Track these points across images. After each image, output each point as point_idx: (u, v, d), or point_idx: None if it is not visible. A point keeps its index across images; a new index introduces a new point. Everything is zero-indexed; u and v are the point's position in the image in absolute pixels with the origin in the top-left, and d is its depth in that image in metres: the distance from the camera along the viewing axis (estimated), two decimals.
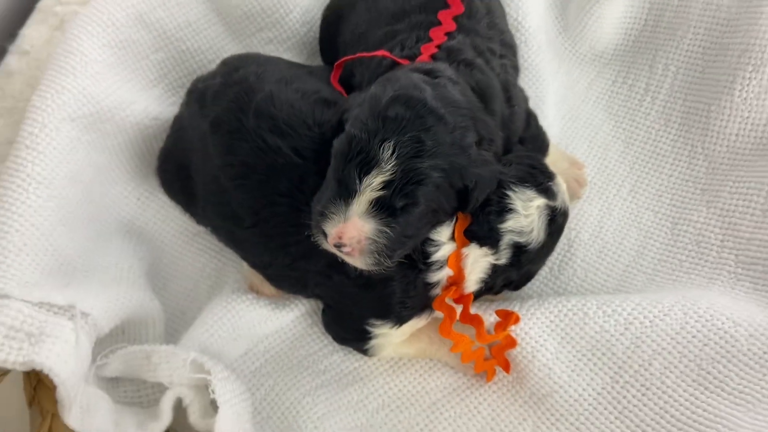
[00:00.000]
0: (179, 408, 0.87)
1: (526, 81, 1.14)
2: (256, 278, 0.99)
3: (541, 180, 0.89)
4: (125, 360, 0.87)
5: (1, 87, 1.25)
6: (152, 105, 1.07)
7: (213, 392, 0.82)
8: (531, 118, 1.04)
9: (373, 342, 0.91)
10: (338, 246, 0.75)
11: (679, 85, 1.14)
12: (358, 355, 0.99)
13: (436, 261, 0.85)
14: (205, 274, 1.07)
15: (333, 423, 0.93)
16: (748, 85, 1.04)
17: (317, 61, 1.20)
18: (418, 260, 0.84)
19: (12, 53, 1.30)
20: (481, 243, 0.85)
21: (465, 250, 0.85)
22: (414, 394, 0.97)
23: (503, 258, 0.87)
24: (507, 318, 0.90)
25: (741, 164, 1.04)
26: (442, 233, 0.84)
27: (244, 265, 0.99)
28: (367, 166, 0.73)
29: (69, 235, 0.92)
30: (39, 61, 1.27)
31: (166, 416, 0.84)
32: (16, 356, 0.76)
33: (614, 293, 1.00)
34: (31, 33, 1.31)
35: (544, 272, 1.04)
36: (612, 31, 1.19)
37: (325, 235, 0.76)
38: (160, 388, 0.89)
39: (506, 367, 0.93)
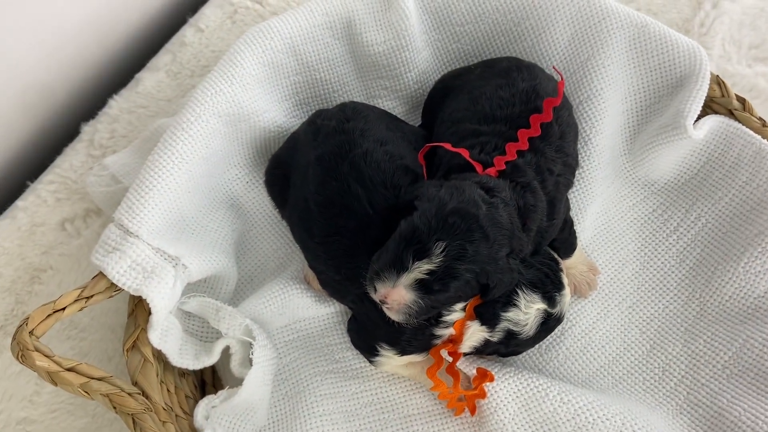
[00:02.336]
0: (226, 353, 1.15)
1: (578, 189, 1.31)
2: (311, 274, 1.23)
3: (549, 288, 1.10)
4: (201, 305, 1.15)
5: (174, 52, 1.53)
6: (280, 116, 1.33)
7: (252, 353, 1.10)
8: (567, 224, 1.22)
9: (378, 358, 1.15)
10: (382, 302, 0.99)
11: (703, 237, 1.29)
12: None
13: (446, 321, 1.07)
14: (276, 255, 1.32)
15: (330, 403, 1.18)
16: (753, 261, 1.20)
17: (419, 112, 1.42)
18: (432, 316, 1.06)
19: (190, 26, 1.57)
20: (483, 322, 1.07)
21: (469, 323, 1.07)
22: (398, 402, 1.19)
23: (496, 337, 1.09)
24: (483, 376, 1.12)
25: (723, 322, 1.20)
26: (458, 304, 1.07)
27: (305, 261, 1.25)
28: (421, 253, 0.95)
29: (191, 201, 1.18)
30: (209, 40, 1.53)
31: (215, 355, 1.12)
32: (132, 283, 1.04)
33: (578, 385, 1.19)
34: (209, 14, 1.57)
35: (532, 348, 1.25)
36: (667, 168, 1.34)
37: (375, 289, 0.99)
38: (218, 334, 1.16)
39: (473, 411, 1.13)
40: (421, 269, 0.95)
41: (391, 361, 1.15)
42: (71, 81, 1.49)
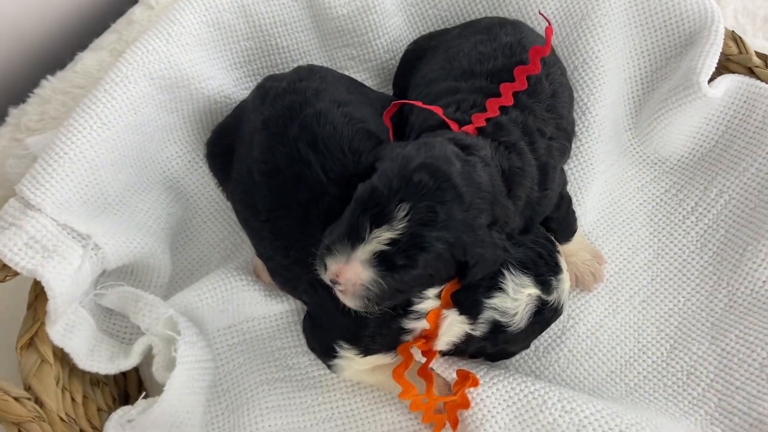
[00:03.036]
0: (150, 355, 0.94)
1: (576, 165, 1.14)
2: (261, 265, 1.05)
3: (542, 271, 0.91)
4: (119, 296, 0.96)
5: (120, 31, 1.39)
6: (228, 85, 1.17)
7: (175, 351, 0.90)
8: (563, 201, 1.04)
9: (337, 361, 0.95)
10: (334, 282, 0.80)
11: (726, 215, 1.11)
12: None
13: (417, 311, 0.88)
14: (222, 245, 1.15)
15: (279, 418, 0.98)
16: None
17: (389, 87, 1.25)
18: (400, 305, 0.87)
19: (140, 4, 1.44)
20: (462, 311, 0.88)
21: (445, 312, 0.88)
22: (364, 418, 1.00)
23: (479, 330, 0.89)
24: (464, 379, 0.92)
25: (757, 313, 1.02)
26: (431, 290, 0.87)
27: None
28: (380, 219, 0.77)
29: (115, 175, 1.02)
30: (159, 17, 1.39)
31: (134, 358, 0.93)
32: (26, 263, 0.86)
33: (582, 392, 0.98)
34: None
35: (527, 349, 1.04)
36: (681, 141, 1.17)
37: (325, 267, 0.80)
38: (141, 331, 0.96)
39: (454, 425, 0.93)
40: (380, 239, 0.77)
41: (352, 364, 0.95)
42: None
